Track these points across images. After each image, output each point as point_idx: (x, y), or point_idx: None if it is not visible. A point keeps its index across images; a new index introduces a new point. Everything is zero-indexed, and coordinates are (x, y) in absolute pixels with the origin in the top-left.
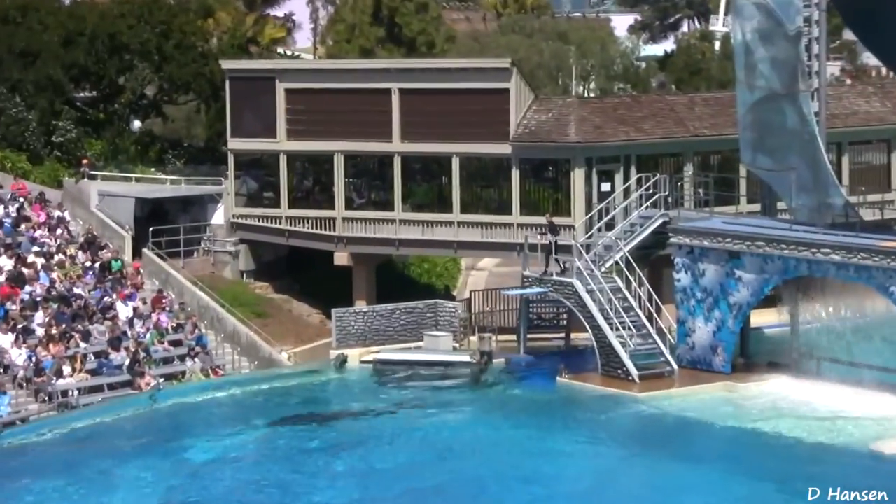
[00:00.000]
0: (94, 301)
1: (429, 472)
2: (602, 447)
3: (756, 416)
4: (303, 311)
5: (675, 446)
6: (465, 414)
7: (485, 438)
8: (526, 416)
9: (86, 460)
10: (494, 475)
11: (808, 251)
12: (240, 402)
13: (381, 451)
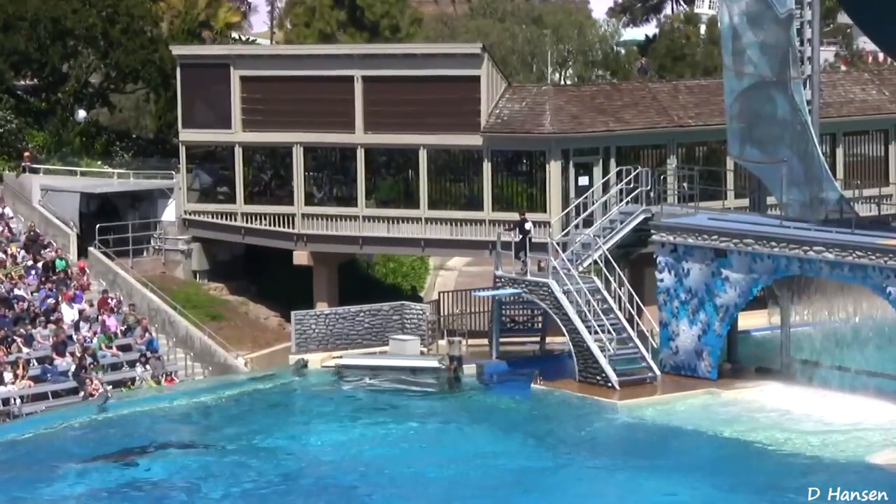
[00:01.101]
0: (38, 303)
1: (379, 481)
2: (580, 459)
3: (744, 425)
4: (260, 314)
5: (658, 458)
6: (431, 422)
7: (451, 449)
8: (497, 425)
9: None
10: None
11: (799, 249)
12: (196, 411)
13: (324, 461)
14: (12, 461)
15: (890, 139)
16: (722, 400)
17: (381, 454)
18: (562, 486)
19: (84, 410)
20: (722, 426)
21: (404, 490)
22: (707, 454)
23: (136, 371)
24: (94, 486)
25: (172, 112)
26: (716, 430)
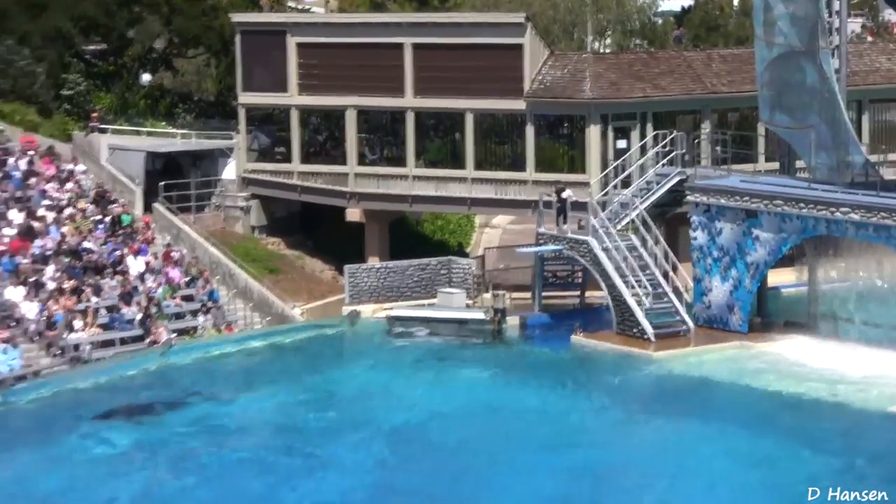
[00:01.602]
0: (105, 255)
1: (441, 429)
2: (618, 408)
3: (773, 375)
4: (315, 268)
5: (691, 406)
6: (475, 371)
7: (496, 397)
8: (539, 374)
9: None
10: (504, 436)
11: (826, 210)
12: (254, 357)
13: (385, 405)
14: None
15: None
16: (752, 352)
17: (427, 399)
18: (599, 433)
19: (149, 357)
20: (752, 376)
21: (445, 433)
22: (737, 403)
23: (198, 320)
24: (158, 431)
25: (232, 76)
26: (746, 381)
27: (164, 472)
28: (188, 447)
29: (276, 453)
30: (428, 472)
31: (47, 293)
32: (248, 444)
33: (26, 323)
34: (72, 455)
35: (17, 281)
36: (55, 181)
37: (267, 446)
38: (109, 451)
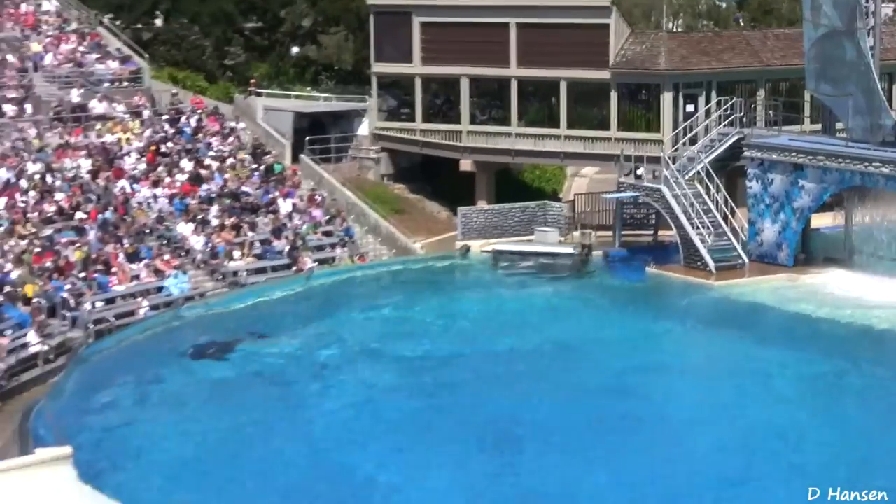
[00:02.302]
0: (260, 197)
1: (533, 340)
2: (683, 327)
3: (814, 302)
4: (433, 209)
5: (744, 326)
6: (565, 295)
7: (582, 318)
8: (619, 300)
9: (256, 327)
10: (588, 346)
11: (861, 165)
12: (383, 283)
13: (493, 323)
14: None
15: None
16: (796, 283)
17: (523, 317)
18: (666, 347)
19: (295, 281)
20: (795, 303)
21: (538, 340)
22: (782, 324)
23: (335, 252)
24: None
25: (366, 49)
26: (790, 307)
27: (309, 368)
28: (327, 354)
29: (392, 350)
30: (527, 369)
31: (211, 228)
32: (371, 336)
33: (194, 253)
34: (233, 360)
35: (187, 218)
36: (219, 136)
37: (390, 342)
38: (264, 356)
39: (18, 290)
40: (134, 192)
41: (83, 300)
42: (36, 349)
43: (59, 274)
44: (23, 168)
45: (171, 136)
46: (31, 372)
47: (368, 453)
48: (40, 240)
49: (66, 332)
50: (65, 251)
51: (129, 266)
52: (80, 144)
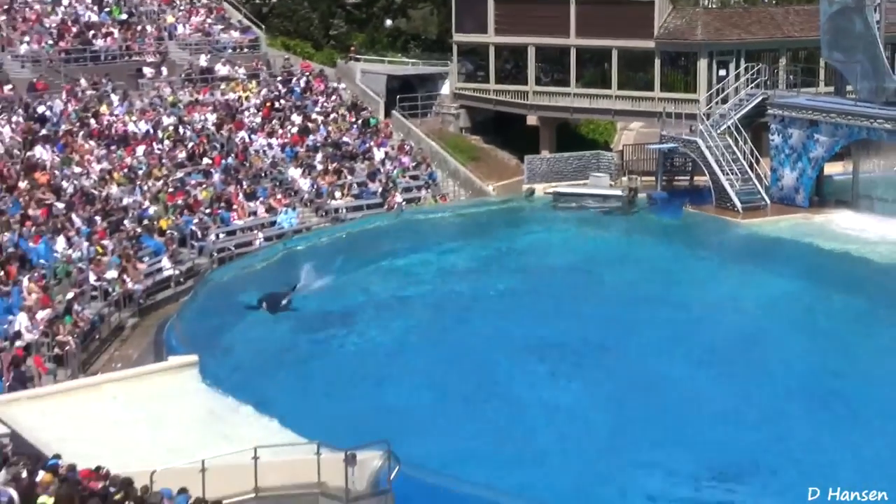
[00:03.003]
0: (357, 146)
1: (586, 267)
2: (715, 256)
3: (826, 237)
4: (504, 157)
5: (767, 257)
6: (617, 231)
7: (629, 247)
8: (659, 233)
9: (357, 255)
10: (634, 272)
11: (867, 121)
12: (461, 219)
13: (555, 251)
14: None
15: None
16: (811, 221)
17: (579, 246)
18: (699, 274)
19: (387, 217)
20: (810, 237)
21: (591, 265)
22: (798, 255)
23: (421, 193)
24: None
25: (448, 21)
26: (806, 240)
27: (404, 285)
28: (430, 275)
29: (472, 272)
30: (584, 283)
31: (316, 172)
32: (453, 261)
33: (301, 193)
34: (346, 275)
35: (296, 163)
36: (323, 94)
37: (469, 267)
38: (366, 279)
39: (155, 224)
40: (252, 142)
41: (208, 232)
42: (168, 273)
43: (189, 210)
44: (159, 121)
45: (283, 95)
46: (164, 292)
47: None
48: (173, 181)
49: (193, 259)
50: (193, 191)
51: (248, 204)
52: (207, 101)
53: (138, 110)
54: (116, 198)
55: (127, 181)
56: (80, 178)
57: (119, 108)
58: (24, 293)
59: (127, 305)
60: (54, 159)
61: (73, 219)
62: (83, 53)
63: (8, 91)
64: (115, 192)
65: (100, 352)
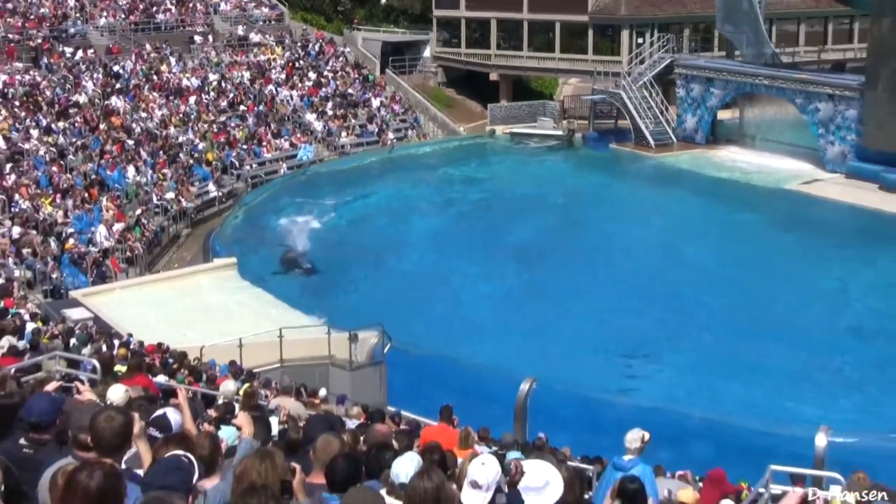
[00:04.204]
0: (358, 96)
1: (534, 188)
2: (634, 181)
3: (719, 168)
4: (472, 105)
5: (673, 183)
6: (558, 160)
7: (568, 173)
8: (590, 164)
9: (355, 180)
10: (571, 192)
11: (751, 78)
12: (439, 152)
13: (509, 173)
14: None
15: (800, 21)
16: (707, 155)
17: (531, 172)
18: (621, 193)
19: (382, 151)
20: (706, 168)
21: (539, 186)
22: (697, 181)
23: (408, 132)
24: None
25: (430, 0)
26: (703, 170)
27: (402, 201)
28: (416, 193)
29: (446, 191)
30: (534, 202)
31: (328, 116)
32: (432, 184)
33: (316, 133)
34: (351, 194)
35: (312, 110)
36: (333, 57)
37: (442, 188)
38: (372, 197)
39: (203, 156)
40: (277, 93)
41: (244, 163)
42: (214, 195)
43: (229, 146)
44: (206, 77)
45: (302, 57)
46: (210, 209)
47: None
48: (217, 124)
49: (233, 184)
50: (233, 131)
51: (274, 141)
52: (243, 62)
53: (190, 69)
54: (174, 136)
55: (182, 124)
56: (145, 122)
57: (176, 67)
58: (103, 210)
59: (182, 220)
60: (126, 107)
61: (140, 152)
62: (148, 25)
63: (91, 54)
64: (172, 132)
65: (161, 255)
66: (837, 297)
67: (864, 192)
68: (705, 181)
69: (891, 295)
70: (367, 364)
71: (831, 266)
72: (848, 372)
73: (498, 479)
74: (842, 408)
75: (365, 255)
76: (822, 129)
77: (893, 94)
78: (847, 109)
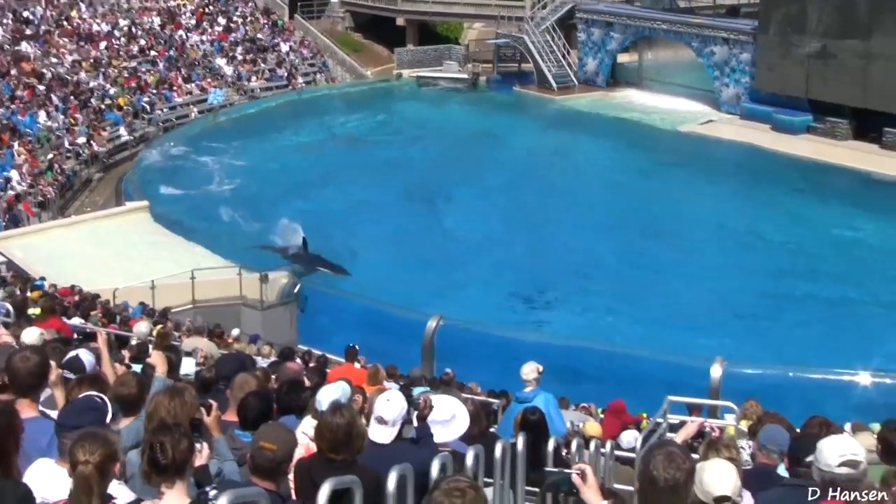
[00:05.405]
0: (268, 42)
1: (442, 129)
2: (537, 123)
3: (619, 109)
4: (379, 50)
5: (575, 124)
6: (463, 103)
7: (474, 116)
8: (496, 106)
9: (269, 123)
10: (476, 133)
11: (649, 23)
12: (347, 96)
13: (415, 116)
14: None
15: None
16: (607, 97)
17: (437, 115)
18: (526, 134)
19: (291, 95)
20: (607, 109)
21: (445, 129)
22: (598, 122)
23: (317, 77)
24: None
25: None
26: (604, 111)
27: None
28: (324, 136)
29: (353, 133)
30: (436, 141)
31: (238, 61)
32: (346, 127)
33: (226, 77)
34: (261, 137)
35: (222, 55)
36: (242, 3)
37: (354, 129)
38: (280, 140)
39: (115, 101)
40: (188, 38)
41: (156, 108)
42: (125, 139)
43: (141, 91)
44: (117, 22)
45: (212, 2)
46: (122, 153)
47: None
48: (129, 69)
49: (144, 128)
50: (144, 76)
51: (185, 86)
52: (153, 7)
53: (101, 14)
54: (85, 81)
55: (93, 69)
56: (56, 67)
57: (86, 12)
58: (14, 155)
59: (94, 164)
60: (36, 52)
61: (51, 98)
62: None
63: (0, 0)
64: (83, 77)
65: (74, 199)
66: (733, 232)
67: (756, 132)
68: (605, 122)
69: (782, 229)
70: (277, 303)
71: (726, 203)
72: (741, 305)
73: (404, 414)
74: (737, 340)
75: (274, 196)
76: (718, 71)
77: (784, 38)
78: (741, 53)
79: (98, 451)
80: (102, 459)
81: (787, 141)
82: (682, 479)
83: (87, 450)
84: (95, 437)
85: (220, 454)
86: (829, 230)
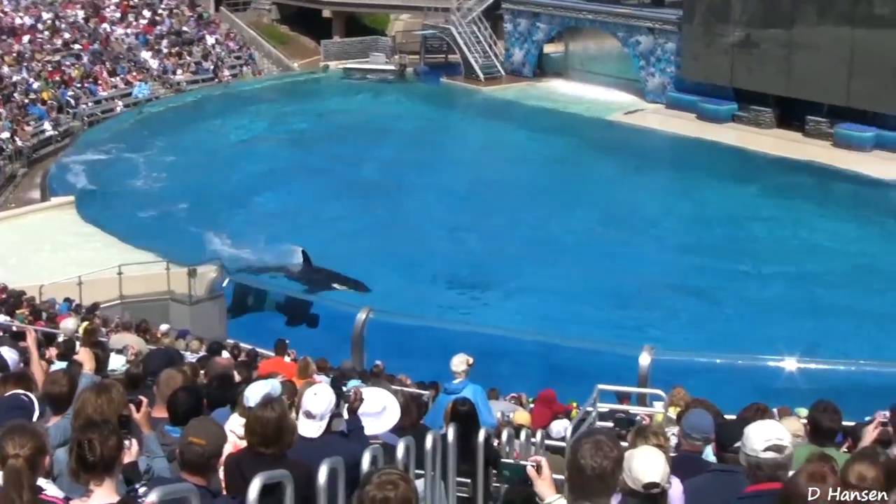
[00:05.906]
0: (194, 35)
1: (370, 120)
2: (464, 114)
3: (546, 100)
4: (306, 42)
5: (503, 113)
6: (391, 94)
7: (401, 106)
8: (423, 97)
9: (195, 117)
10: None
11: (575, 13)
12: (275, 88)
13: (347, 109)
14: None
15: None
16: (534, 87)
17: (364, 107)
18: (456, 123)
19: (218, 88)
20: (533, 99)
21: (374, 121)
22: (525, 112)
23: (244, 69)
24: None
25: None
26: (530, 102)
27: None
28: (253, 130)
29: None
30: (364, 132)
31: (163, 54)
32: (274, 120)
33: (152, 70)
34: (188, 131)
35: (147, 48)
36: None
37: (282, 122)
38: (206, 130)
39: (39, 95)
40: (113, 31)
41: (80, 102)
42: (50, 134)
43: (65, 85)
44: (40, 15)
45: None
46: (47, 148)
47: None
48: (52, 63)
49: (69, 123)
50: (68, 70)
51: (110, 79)
52: (77, 0)
53: (24, 7)
54: (7, 76)
55: (16, 63)
56: None
57: (8, 6)
58: None
59: (18, 159)
60: None
61: None
62: None
63: None
64: (6, 72)
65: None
66: (661, 220)
67: (682, 121)
68: (532, 112)
69: (707, 218)
70: (206, 298)
71: (653, 192)
72: (670, 293)
73: (332, 408)
74: (664, 327)
75: (202, 190)
76: (644, 61)
77: (708, 27)
78: (666, 42)
79: (28, 444)
80: (33, 453)
81: (712, 129)
82: (609, 468)
83: (17, 443)
84: (24, 431)
85: (150, 451)
86: (755, 215)
